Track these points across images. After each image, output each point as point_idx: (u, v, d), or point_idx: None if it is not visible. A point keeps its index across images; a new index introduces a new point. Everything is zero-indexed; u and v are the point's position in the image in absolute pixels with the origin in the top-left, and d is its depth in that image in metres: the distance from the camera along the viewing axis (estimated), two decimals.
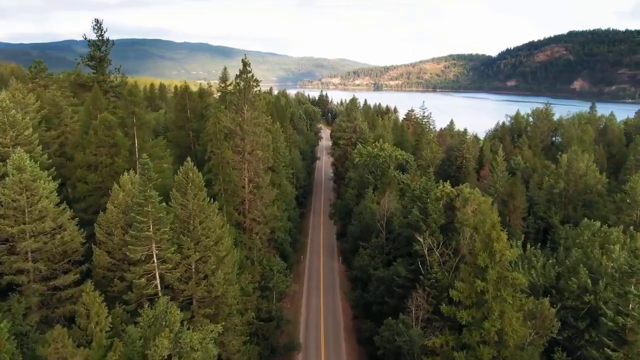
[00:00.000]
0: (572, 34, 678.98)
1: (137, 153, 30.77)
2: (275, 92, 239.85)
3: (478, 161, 76.25)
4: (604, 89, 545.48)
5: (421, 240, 33.74)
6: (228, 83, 56.89)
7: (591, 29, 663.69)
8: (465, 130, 73.70)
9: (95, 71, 38.79)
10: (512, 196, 47.46)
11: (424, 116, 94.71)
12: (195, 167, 26.41)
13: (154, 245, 24.37)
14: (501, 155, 57.13)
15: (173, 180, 27.43)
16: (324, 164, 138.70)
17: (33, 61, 52.36)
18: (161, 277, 25.25)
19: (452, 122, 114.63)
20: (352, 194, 66.73)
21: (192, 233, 26.03)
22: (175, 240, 25.62)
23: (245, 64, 40.21)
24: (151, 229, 23.98)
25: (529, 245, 38.76)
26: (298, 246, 71.69)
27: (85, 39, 39.46)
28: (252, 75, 59.38)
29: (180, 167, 26.22)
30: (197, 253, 25.88)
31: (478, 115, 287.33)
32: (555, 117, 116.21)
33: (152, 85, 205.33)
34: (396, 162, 62.24)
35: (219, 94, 67.60)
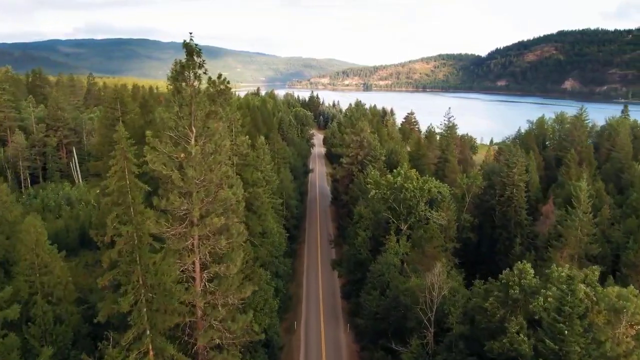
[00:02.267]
0: (561, 34, 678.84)
1: None
2: (264, 92, 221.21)
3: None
4: (595, 89, 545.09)
5: None
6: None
7: (580, 29, 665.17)
8: (518, 149, 54.51)
9: None
10: (637, 268, 29.21)
11: (449, 126, 72.92)
12: None
13: None
14: (585, 188, 38.95)
15: None
16: (318, 176, 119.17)
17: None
18: None
19: (454, 126, 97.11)
20: (364, 239, 48.09)
21: None
22: None
23: (191, 51, 20.93)
24: None
25: None
26: (289, 304, 52.89)
27: None
28: (222, 76, 40.46)
29: None
30: None
31: (472, 116, 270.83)
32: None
33: (123, 85, 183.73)
34: (429, 196, 43.83)
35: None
